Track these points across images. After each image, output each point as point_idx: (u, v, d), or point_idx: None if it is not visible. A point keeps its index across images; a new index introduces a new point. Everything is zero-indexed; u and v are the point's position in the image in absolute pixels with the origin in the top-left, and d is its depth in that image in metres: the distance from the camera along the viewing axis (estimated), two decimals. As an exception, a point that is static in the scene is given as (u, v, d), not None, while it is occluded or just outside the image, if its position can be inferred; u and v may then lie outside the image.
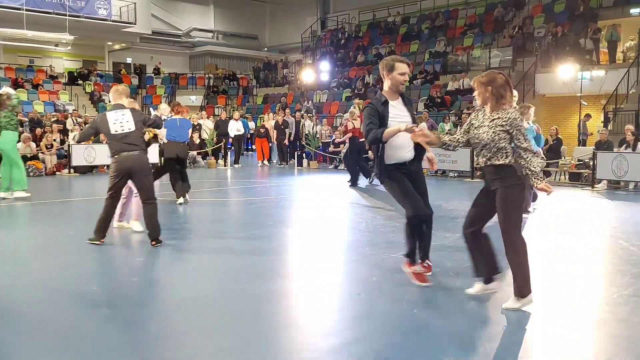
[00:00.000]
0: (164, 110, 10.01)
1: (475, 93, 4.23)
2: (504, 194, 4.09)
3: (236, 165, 18.23)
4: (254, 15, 35.35)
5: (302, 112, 20.64)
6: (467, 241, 4.40)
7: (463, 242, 4.43)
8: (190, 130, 10.16)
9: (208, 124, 19.61)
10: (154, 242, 6.21)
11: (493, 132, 4.08)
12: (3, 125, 9.75)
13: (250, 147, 23.67)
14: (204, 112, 24.22)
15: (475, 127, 4.22)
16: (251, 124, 21.52)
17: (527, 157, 4.01)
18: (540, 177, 4.07)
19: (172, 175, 9.58)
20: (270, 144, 19.41)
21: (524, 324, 4.03)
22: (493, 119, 4.11)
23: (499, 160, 4.09)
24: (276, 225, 7.83)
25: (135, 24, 26.97)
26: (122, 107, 6.39)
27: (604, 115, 17.00)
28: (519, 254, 4.15)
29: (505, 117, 4.07)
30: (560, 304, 4.41)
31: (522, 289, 4.14)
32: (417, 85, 22.03)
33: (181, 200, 9.47)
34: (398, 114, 4.67)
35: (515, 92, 9.21)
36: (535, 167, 4.03)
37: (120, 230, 7.22)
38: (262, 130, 19.42)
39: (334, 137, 18.21)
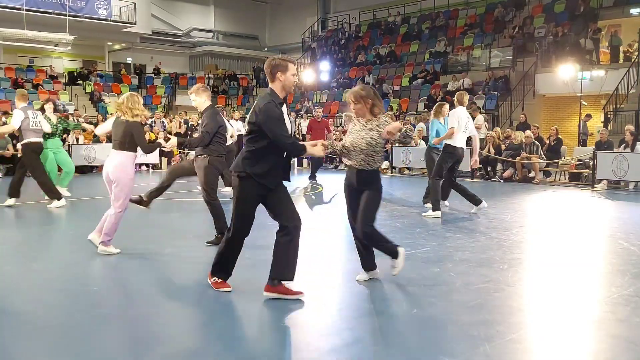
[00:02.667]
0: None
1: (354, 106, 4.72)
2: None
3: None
4: (254, 15, 35.34)
5: (302, 112, 20.60)
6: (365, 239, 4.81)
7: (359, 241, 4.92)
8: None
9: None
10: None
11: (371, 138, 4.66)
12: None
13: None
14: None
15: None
16: (238, 124, 21.02)
17: None
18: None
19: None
20: None
21: (525, 324, 4.03)
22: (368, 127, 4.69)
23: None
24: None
25: (135, 24, 26.94)
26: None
27: (604, 115, 17.00)
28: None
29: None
30: (560, 304, 4.41)
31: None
32: (417, 85, 22.03)
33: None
34: (287, 118, 4.33)
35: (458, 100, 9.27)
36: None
37: (119, 230, 7.20)
38: None
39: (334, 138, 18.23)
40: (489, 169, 14.72)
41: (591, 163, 12.73)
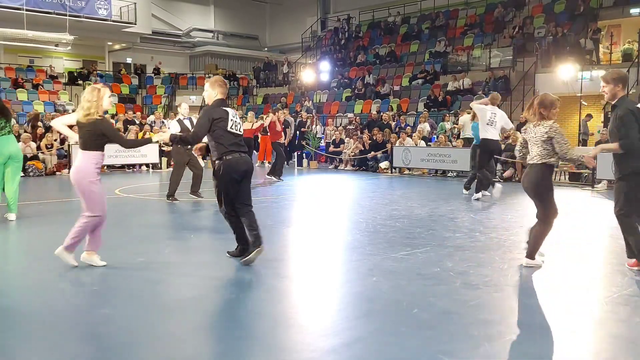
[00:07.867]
0: (184, 110, 10.45)
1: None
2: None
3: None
4: (254, 15, 35.34)
5: (301, 112, 20.60)
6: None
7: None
8: None
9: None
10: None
11: None
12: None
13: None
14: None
15: None
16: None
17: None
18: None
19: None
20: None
21: (524, 323, 4.03)
22: None
23: None
24: (276, 225, 7.84)
25: (135, 24, 26.94)
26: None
27: (604, 116, 17.00)
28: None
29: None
30: (560, 304, 4.41)
31: None
32: (417, 85, 22.03)
33: None
34: None
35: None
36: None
37: (120, 230, 7.22)
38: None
39: (334, 137, 18.26)
40: (489, 169, 14.70)
41: (591, 163, 12.74)
